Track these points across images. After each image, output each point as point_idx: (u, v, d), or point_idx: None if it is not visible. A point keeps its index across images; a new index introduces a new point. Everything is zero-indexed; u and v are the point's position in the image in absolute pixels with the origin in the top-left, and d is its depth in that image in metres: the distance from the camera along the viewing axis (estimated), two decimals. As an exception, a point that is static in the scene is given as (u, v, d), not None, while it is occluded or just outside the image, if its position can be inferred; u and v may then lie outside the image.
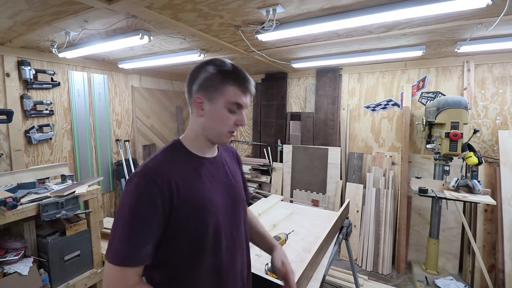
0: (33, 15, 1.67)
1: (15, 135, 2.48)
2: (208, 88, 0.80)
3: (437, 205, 2.62)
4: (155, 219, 0.73)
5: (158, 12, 1.60)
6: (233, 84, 0.79)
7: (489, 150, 2.82)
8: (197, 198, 0.79)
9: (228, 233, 0.85)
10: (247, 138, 4.34)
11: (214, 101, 0.80)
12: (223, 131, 0.83)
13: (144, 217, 0.72)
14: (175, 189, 0.75)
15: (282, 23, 1.78)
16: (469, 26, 1.86)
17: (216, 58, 0.84)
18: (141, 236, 0.72)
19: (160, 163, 0.78)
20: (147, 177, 0.73)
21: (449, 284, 2.51)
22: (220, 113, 0.80)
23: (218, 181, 0.87)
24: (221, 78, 0.79)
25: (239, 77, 0.80)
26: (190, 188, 0.78)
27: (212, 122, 0.82)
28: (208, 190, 0.82)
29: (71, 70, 2.91)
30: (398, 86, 3.21)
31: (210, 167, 0.87)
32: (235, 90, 0.80)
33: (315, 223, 1.94)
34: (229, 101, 0.80)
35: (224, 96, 0.79)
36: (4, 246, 1.96)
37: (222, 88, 0.79)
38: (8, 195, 1.84)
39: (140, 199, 0.72)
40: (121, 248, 0.71)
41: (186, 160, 0.83)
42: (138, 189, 0.73)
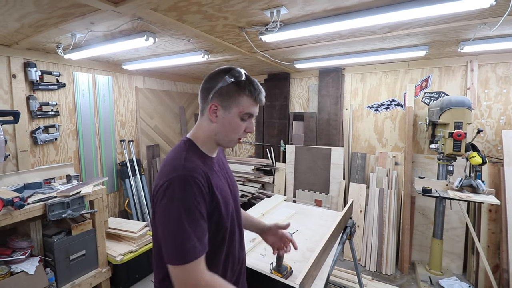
0: (40, 17, 1.69)
1: (21, 136, 2.51)
2: (224, 97, 0.85)
3: (441, 205, 2.62)
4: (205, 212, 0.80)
5: (163, 14, 1.62)
6: (248, 95, 0.85)
7: (493, 150, 2.81)
8: (221, 192, 0.87)
9: (236, 223, 0.96)
10: (250, 139, 4.36)
11: (229, 109, 0.86)
12: (234, 138, 0.90)
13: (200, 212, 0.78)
14: (210, 185, 0.82)
15: (286, 24, 1.79)
16: (472, 26, 1.86)
17: (232, 67, 0.88)
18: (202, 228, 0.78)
19: (194, 163, 0.83)
20: (192, 176, 0.78)
21: (453, 284, 2.51)
22: (233, 121, 0.87)
23: (224, 178, 0.96)
24: (237, 89, 0.85)
25: (253, 89, 0.86)
26: (216, 184, 0.86)
27: (224, 129, 0.88)
28: (224, 186, 0.91)
29: (76, 72, 2.94)
30: (401, 86, 3.21)
31: (217, 166, 0.95)
32: (249, 101, 0.86)
33: (319, 223, 1.94)
34: (243, 111, 0.86)
35: (239, 107, 0.85)
36: (11, 245, 1.99)
37: (237, 98, 0.85)
38: (15, 195, 1.86)
39: (193, 198, 0.77)
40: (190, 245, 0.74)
41: (204, 159, 0.89)
42: (187, 189, 0.77)
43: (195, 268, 0.74)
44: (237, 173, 4.04)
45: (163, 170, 0.83)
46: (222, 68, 0.88)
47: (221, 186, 0.88)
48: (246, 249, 1.49)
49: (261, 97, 0.88)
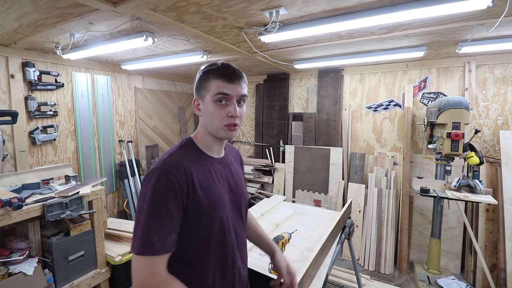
0: (39, 17, 1.69)
1: (19, 136, 2.50)
2: (198, 89, 0.88)
3: (439, 205, 2.63)
4: (176, 211, 0.77)
5: (162, 14, 1.62)
6: (214, 78, 0.84)
7: (490, 150, 2.83)
8: (208, 194, 0.83)
9: (232, 229, 0.90)
10: (249, 139, 4.36)
11: (204, 99, 0.86)
12: (217, 125, 0.85)
13: (167, 208, 0.76)
14: (191, 184, 0.79)
15: (285, 25, 1.80)
16: (470, 27, 1.88)
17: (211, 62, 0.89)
18: (166, 226, 0.76)
19: (178, 159, 0.82)
20: (167, 172, 0.77)
21: (451, 283, 2.52)
22: (209, 108, 0.85)
23: (225, 180, 0.92)
24: (206, 76, 0.85)
25: (220, 69, 0.84)
26: (203, 184, 0.83)
27: (206, 118, 0.87)
28: (217, 187, 0.87)
29: (74, 72, 2.93)
30: (399, 87, 3.23)
31: (219, 167, 0.92)
32: (216, 82, 0.83)
33: (317, 223, 1.95)
34: (213, 93, 0.83)
35: (209, 91, 0.84)
36: (9, 246, 1.98)
37: (207, 84, 0.85)
38: (13, 195, 1.86)
39: (162, 192, 0.76)
40: (148, 239, 0.74)
41: (198, 158, 0.88)
42: (160, 182, 0.76)
43: (149, 264, 0.73)
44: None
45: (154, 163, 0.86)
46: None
47: (211, 187, 0.85)
48: (245, 249, 1.49)
49: (229, 74, 0.83)
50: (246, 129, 4.39)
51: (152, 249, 0.73)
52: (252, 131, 4.31)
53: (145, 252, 0.73)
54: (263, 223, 1.87)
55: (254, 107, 4.24)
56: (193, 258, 0.83)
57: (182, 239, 0.81)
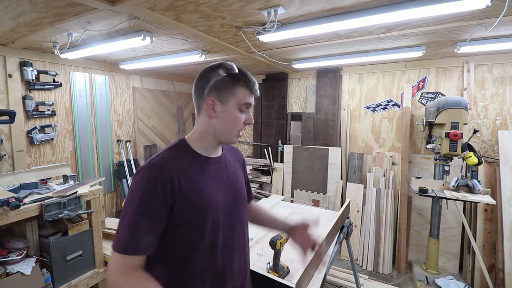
0: (36, 16, 1.68)
1: (17, 136, 2.49)
2: (219, 90, 0.84)
3: (437, 205, 2.63)
4: (156, 212, 0.77)
5: (160, 13, 1.62)
6: (243, 86, 0.85)
7: (489, 150, 2.83)
8: (198, 195, 0.82)
9: (227, 230, 0.88)
10: (248, 139, 4.36)
11: (226, 102, 0.85)
12: (234, 130, 0.87)
13: (146, 209, 0.76)
14: (177, 185, 0.79)
15: (283, 24, 1.79)
16: (468, 27, 1.88)
17: (223, 62, 0.88)
18: (141, 227, 0.76)
19: (165, 160, 0.82)
20: (151, 172, 0.78)
21: (449, 283, 2.52)
22: (232, 113, 0.85)
23: (221, 180, 0.90)
24: (232, 81, 0.84)
25: (247, 79, 0.86)
26: (192, 185, 0.82)
27: (224, 122, 0.86)
28: (210, 188, 0.85)
29: (72, 71, 2.92)
30: (398, 87, 3.23)
31: (214, 166, 0.90)
32: (244, 91, 0.85)
33: (316, 222, 1.95)
34: (240, 102, 0.85)
35: (236, 98, 0.84)
36: (7, 246, 1.97)
37: (233, 90, 0.84)
38: (11, 195, 1.85)
39: (143, 192, 0.76)
40: (123, 236, 0.76)
41: (190, 159, 0.86)
42: (142, 182, 0.77)
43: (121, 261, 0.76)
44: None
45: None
46: (213, 64, 0.88)
47: (202, 188, 0.83)
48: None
49: (255, 87, 0.87)
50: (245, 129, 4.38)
51: (124, 248, 0.75)
52: (251, 131, 4.31)
53: (117, 249, 0.76)
54: (261, 223, 1.86)
55: (252, 107, 4.23)
56: (180, 259, 0.83)
57: (169, 240, 0.80)
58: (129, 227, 0.76)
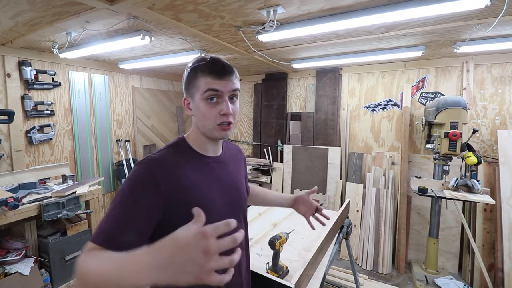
0: (34, 15, 1.68)
1: (16, 136, 2.48)
2: (187, 87, 0.83)
3: (437, 205, 2.63)
4: (144, 208, 0.72)
5: (159, 12, 1.61)
6: (203, 74, 0.79)
7: (488, 150, 2.83)
8: (196, 195, 0.79)
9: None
10: (248, 138, 4.35)
11: (194, 97, 0.82)
12: (210, 124, 0.81)
13: (133, 203, 0.71)
14: (172, 182, 0.75)
15: (282, 24, 1.79)
16: (468, 27, 1.87)
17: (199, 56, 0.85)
18: (125, 221, 0.70)
19: (163, 157, 0.79)
20: (148, 167, 0.75)
21: (448, 283, 2.52)
22: (200, 107, 0.81)
23: (221, 180, 0.88)
24: (194, 73, 0.81)
25: (209, 65, 0.79)
26: (191, 185, 0.79)
27: (198, 118, 0.83)
28: (209, 188, 0.83)
29: (71, 71, 2.92)
30: (397, 86, 3.23)
31: (214, 166, 0.88)
32: (205, 78, 0.78)
33: (315, 222, 1.94)
34: (203, 91, 0.79)
35: (199, 88, 0.80)
36: (6, 246, 1.97)
37: (196, 82, 0.80)
38: (9, 195, 1.85)
39: (135, 186, 0.73)
40: (105, 228, 0.69)
41: (189, 158, 0.84)
42: (136, 176, 0.74)
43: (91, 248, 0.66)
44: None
45: None
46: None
47: (199, 187, 0.80)
48: (243, 249, 1.48)
49: (218, 69, 0.78)
50: (244, 128, 4.38)
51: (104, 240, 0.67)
52: (250, 130, 4.30)
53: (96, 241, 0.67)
54: (261, 223, 1.86)
55: (252, 107, 4.23)
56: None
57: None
58: (115, 219, 0.70)
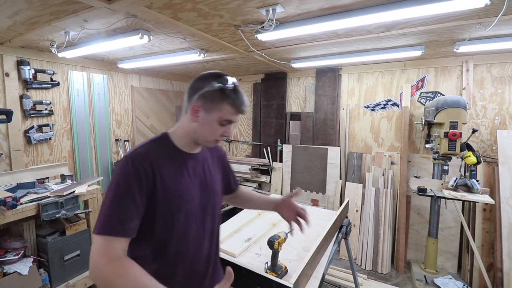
0: (32, 14, 1.67)
1: (14, 135, 2.48)
2: (207, 100, 0.88)
3: (436, 205, 2.63)
4: (140, 197, 0.81)
5: (158, 11, 1.61)
6: (230, 104, 0.88)
7: (487, 150, 2.83)
8: (175, 187, 0.88)
9: (199, 220, 0.95)
10: (247, 138, 4.35)
11: (210, 113, 0.89)
12: (210, 139, 0.93)
13: (131, 193, 0.79)
14: (158, 175, 0.84)
15: (281, 23, 1.78)
16: (468, 26, 1.87)
17: (223, 74, 0.91)
18: (128, 210, 0.79)
19: (148, 151, 0.87)
20: (135, 160, 0.82)
21: (448, 283, 2.52)
22: (212, 124, 0.90)
23: (197, 175, 0.97)
24: (221, 96, 0.87)
25: (237, 99, 0.89)
26: (171, 177, 0.87)
27: (202, 129, 0.91)
28: (186, 182, 0.92)
29: (70, 70, 2.91)
30: (397, 86, 3.22)
31: (192, 162, 0.96)
32: (230, 109, 0.88)
33: (314, 222, 1.93)
34: (223, 117, 0.89)
35: (220, 112, 0.88)
36: (4, 246, 1.96)
37: (220, 104, 0.88)
38: (7, 194, 1.84)
39: (128, 178, 0.80)
40: (109, 219, 0.77)
41: (170, 153, 0.92)
42: (127, 169, 0.81)
43: (106, 243, 0.75)
44: (234, 172, 4.03)
45: None
46: (213, 72, 0.92)
47: (179, 181, 0.89)
48: (241, 248, 1.49)
49: (242, 108, 0.90)
50: (244, 128, 4.37)
51: (112, 229, 0.76)
52: (250, 130, 4.30)
53: (103, 232, 0.75)
54: (260, 223, 1.86)
55: (251, 106, 4.22)
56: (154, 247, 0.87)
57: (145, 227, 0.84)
58: (115, 209, 0.77)
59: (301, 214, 1.18)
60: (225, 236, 1.62)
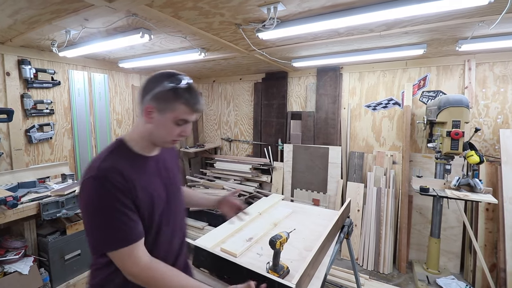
0: (33, 13, 1.67)
1: (15, 134, 2.48)
2: (160, 101, 0.86)
3: (438, 204, 2.61)
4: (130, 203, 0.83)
5: (158, 10, 1.60)
6: (183, 103, 0.87)
7: (490, 149, 2.81)
8: (147, 191, 0.89)
9: (169, 219, 1.00)
10: (248, 138, 4.34)
11: (164, 113, 0.87)
12: (167, 139, 0.92)
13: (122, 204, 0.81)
14: (131, 184, 0.84)
15: (283, 21, 1.77)
16: (470, 24, 1.86)
17: (175, 73, 0.89)
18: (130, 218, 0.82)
19: (112, 163, 0.85)
20: (106, 177, 0.81)
21: (450, 283, 2.50)
22: (167, 125, 0.89)
23: (159, 176, 0.98)
24: (174, 96, 0.86)
25: (191, 98, 0.87)
26: (141, 183, 0.88)
27: (158, 131, 0.90)
28: (154, 185, 0.94)
29: (71, 69, 2.90)
30: (399, 85, 3.21)
31: (152, 164, 0.97)
32: (185, 108, 0.87)
33: (316, 222, 1.93)
34: (178, 117, 0.88)
35: (174, 113, 0.87)
36: (5, 245, 1.96)
37: (173, 104, 0.86)
38: (8, 194, 1.84)
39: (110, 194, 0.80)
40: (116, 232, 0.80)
41: (132, 160, 0.91)
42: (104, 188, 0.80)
43: (132, 252, 0.80)
44: (235, 172, 4.02)
45: (85, 169, 0.87)
46: (165, 72, 0.90)
47: (149, 185, 0.91)
48: (242, 248, 1.48)
49: (197, 107, 0.89)
50: (245, 128, 4.36)
51: (129, 239, 0.81)
52: (250, 130, 4.29)
53: (122, 244, 0.79)
54: (261, 223, 1.85)
55: (252, 106, 4.21)
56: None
57: None
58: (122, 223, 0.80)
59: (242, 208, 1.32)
60: (226, 236, 1.61)
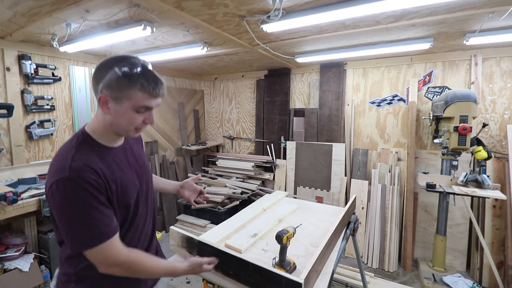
0: (33, 5, 1.63)
1: (15, 130, 2.44)
2: (113, 89, 0.80)
3: (445, 201, 2.57)
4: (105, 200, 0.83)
5: (161, 0, 1.56)
6: (140, 90, 0.80)
7: (497, 145, 2.77)
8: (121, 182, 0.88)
9: (142, 205, 1.00)
10: (250, 135, 4.30)
11: (120, 102, 0.81)
12: (130, 129, 0.88)
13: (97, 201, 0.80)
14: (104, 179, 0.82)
15: (288, 12, 1.73)
16: (479, 16, 1.82)
17: (126, 56, 0.82)
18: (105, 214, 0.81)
19: (82, 161, 0.80)
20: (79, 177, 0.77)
21: (457, 281, 2.46)
22: (126, 114, 0.83)
23: (129, 165, 0.97)
24: (128, 82, 0.79)
25: (147, 82, 0.81)
26: (114, 176, 0.87)
27: (118, 121, 0.85)
28: (126, 175, 0.93)
29: (72, 65, 2.87)
30: (404, 81, 3.17)
31: (121, 154, 0.95)
32: (142, 95, 0.81)
33: (322, 218, 1.89)
34: (136, 105, 0.82)
35: (131, 101, 0.81)
36: (5, 242, 1.93)
37: (128, 92, 0.80)
38: (8, 189, 1.81)
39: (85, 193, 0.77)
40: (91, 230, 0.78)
41: (100, 153, 0.87)
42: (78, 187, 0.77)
43: (109, 247, 0.80)
44: (237, 170, 3.99)
45: (51, 169, 0.82)
46: (114, 57, 0.82)
47: (121, 176, 0.90)
48: (247, 244, 1.44)
49: (157, 90, 0.83)
50: (247, 125, 4.33)
51: (104, 235, 0.79)
52: (253, 127, 4.25)
53: (98, 241, 0.78)
54: (266, 218, 1.81)
55: (254, 103, 4.18)
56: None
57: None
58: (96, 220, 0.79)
59: (203, 192, 1.39)
60: (231, 231, 1.58)
